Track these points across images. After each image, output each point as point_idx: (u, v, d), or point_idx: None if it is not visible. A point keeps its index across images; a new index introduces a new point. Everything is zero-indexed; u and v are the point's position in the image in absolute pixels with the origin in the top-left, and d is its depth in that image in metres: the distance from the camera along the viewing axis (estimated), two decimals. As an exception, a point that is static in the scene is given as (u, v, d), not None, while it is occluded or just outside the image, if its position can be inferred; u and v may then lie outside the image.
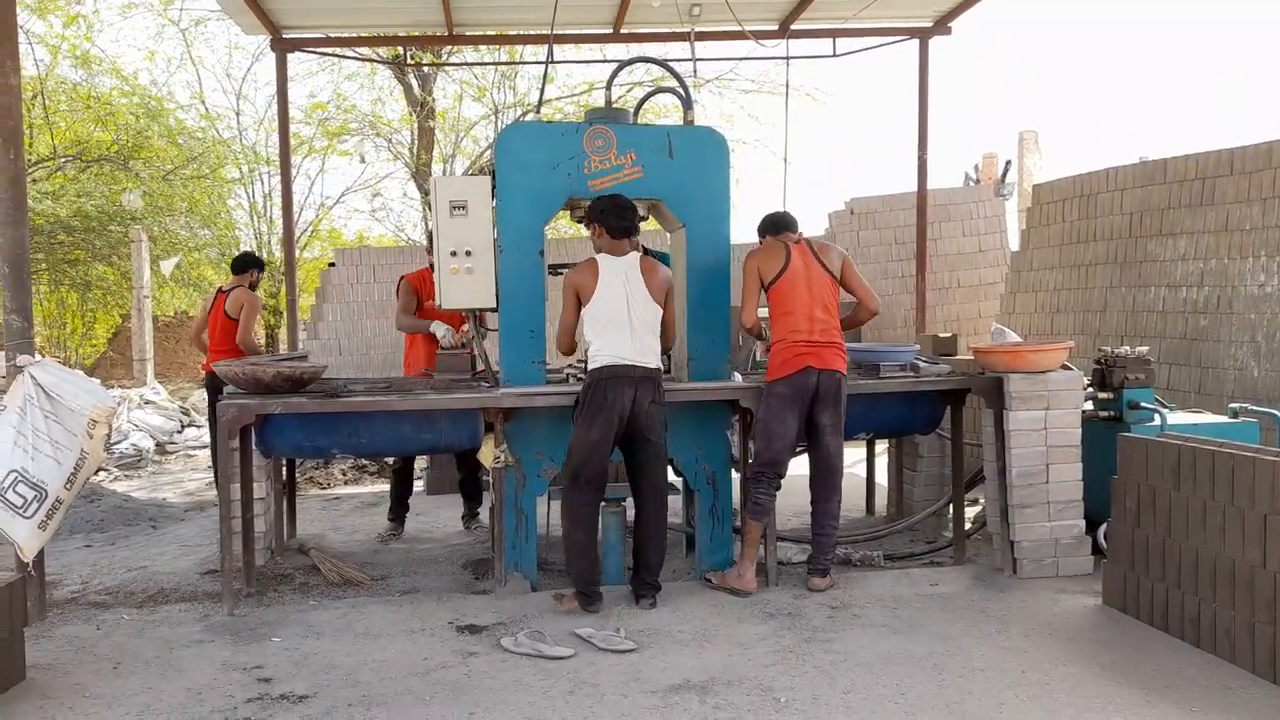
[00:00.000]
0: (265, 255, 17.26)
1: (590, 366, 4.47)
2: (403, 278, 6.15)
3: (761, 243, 4.93)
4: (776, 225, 4.91)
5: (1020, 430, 4.81)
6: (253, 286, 7.26)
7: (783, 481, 4.78)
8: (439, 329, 5.78)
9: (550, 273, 5.03)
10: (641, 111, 5.43)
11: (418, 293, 6.04)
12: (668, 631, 4.12)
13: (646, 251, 4.89)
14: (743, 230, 6.59)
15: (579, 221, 5.18)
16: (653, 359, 4.49)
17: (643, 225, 5.68)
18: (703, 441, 4.94)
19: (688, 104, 5.13)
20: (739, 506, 5.04)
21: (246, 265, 7.36)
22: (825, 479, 4.77)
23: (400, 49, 10.69)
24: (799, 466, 7.40)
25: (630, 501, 5.30)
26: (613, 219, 4.54)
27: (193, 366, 18.85)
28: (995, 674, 3.63)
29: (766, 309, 4.86)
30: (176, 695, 3.55)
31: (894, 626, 4.16)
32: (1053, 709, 3.33)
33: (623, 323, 4.44)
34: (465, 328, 5.76)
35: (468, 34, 8.63)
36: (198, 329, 7.59)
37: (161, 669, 3.81)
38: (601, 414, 4.37)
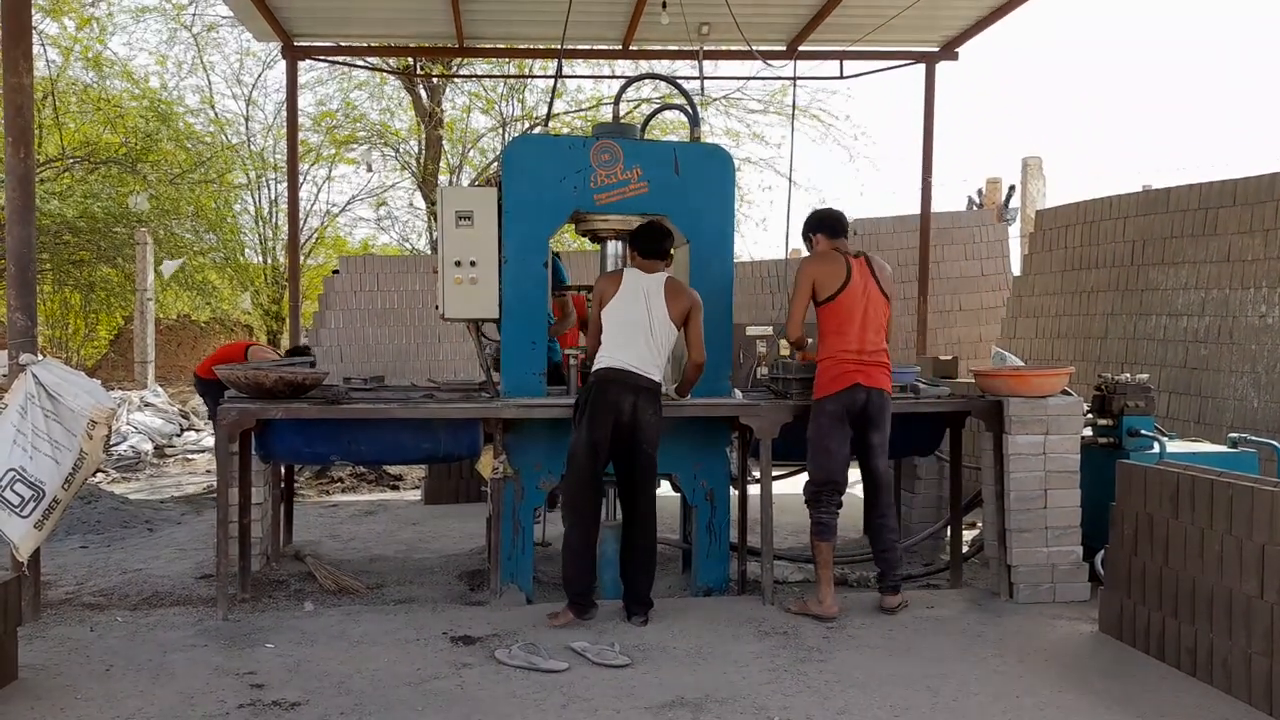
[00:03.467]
0: (269, 261, 17.32)
1: (594, 368, 4.48)
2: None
3: (815, 247, 4.77)
4: (833, 227, 4.76)
5: (1019, 454, 4.81)
6: None
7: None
8: None
9: (557, 292, 4.98)
10: (649, 127, 5.46)
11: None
12: (662, 647, 4.11)
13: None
14: (745, 247, 6.59)
15: (584, 235, 5.20)
16: (656, 372, 4.49)
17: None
18: (702, 458, 4.94)
19: (695, 121, 5.16)
20: (736, 523, 5.03)
21: None
22: (878, 495, 4.74)
23: (410, 59, 10.74)
24: (793, 485, 7.34)
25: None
26: (640, 242, 4.68)
27: (192, 370, 18.79)
28: (989, 698, 3.62)
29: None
30: (168, 699, 3.54)
31: (889, 648, 4.15)
32: (1046, 735, 3.32)
33: (635, 333, 4.46)
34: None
35: (478, 46, 8.69)
36: None
37: (154, 672, 3.80)
38: (600, 415, 4.37)
